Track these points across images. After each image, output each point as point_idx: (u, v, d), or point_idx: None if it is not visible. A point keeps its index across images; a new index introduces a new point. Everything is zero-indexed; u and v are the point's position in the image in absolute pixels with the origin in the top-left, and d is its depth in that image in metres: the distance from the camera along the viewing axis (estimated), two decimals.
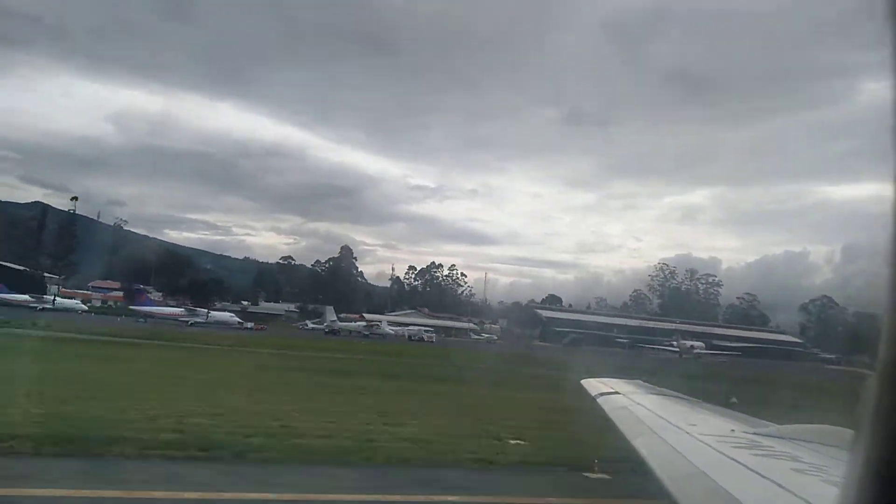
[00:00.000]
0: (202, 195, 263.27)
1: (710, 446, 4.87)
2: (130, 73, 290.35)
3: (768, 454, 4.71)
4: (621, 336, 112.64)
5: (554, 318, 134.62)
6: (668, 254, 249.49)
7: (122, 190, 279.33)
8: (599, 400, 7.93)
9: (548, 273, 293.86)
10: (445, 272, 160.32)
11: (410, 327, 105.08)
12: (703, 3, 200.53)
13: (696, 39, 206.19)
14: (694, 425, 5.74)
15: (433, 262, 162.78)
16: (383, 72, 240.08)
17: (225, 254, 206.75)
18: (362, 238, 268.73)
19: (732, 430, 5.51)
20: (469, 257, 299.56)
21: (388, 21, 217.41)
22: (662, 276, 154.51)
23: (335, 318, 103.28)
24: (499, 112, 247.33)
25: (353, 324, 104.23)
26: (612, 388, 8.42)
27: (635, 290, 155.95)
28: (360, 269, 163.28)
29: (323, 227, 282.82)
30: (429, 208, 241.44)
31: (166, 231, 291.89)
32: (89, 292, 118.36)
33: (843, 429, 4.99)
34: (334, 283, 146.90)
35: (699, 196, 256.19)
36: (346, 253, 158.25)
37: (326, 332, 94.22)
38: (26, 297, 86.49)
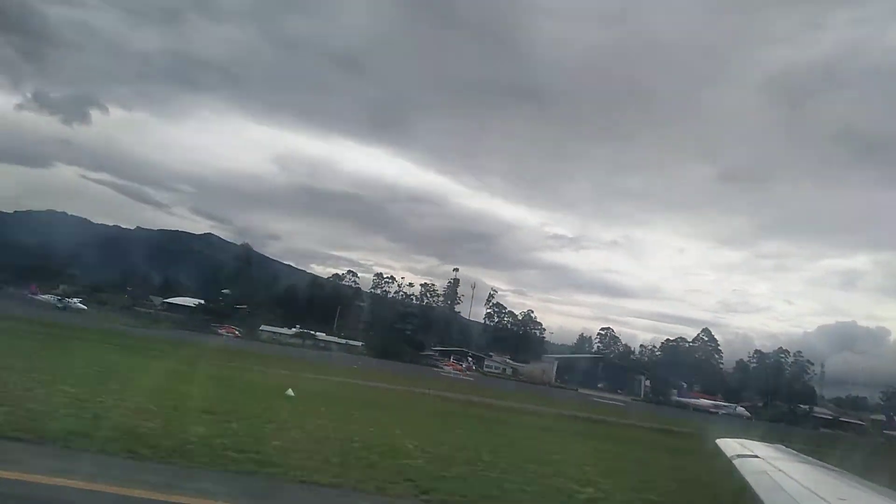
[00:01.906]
0: (348, 234, 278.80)
1: None
2: (296, 118, 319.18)
3: None
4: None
5: None
6: (828, 320, 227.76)
7: (279, 225, 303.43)
8: (736, 462, 7.33)
9: (685, 330, 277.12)
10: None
11: None
12: (878, 59, 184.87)
13: (870, 98, 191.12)
14: (844, 501, 5.14)
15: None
16: (530, 121, 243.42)
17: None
18: (494, 283, 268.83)
19: None
20: (603, 309, 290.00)
21: (540, 72, 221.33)
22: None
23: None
24: (648, 165, 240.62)
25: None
26: (750, 450, 7.71)
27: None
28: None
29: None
30: (564, 257, 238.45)
31: (312, 265, 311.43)
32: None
33: None
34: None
35: (861, 261, 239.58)
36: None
37: None
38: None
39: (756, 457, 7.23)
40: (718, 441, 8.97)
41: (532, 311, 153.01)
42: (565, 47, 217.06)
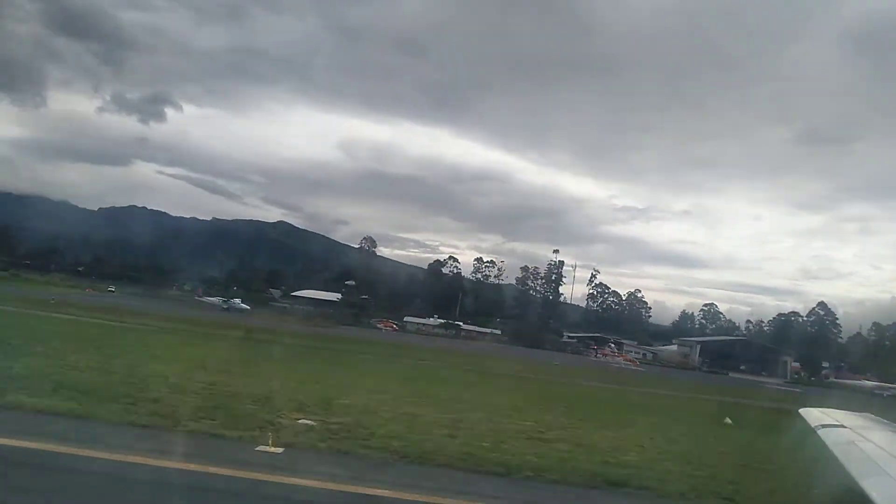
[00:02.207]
0: (414, 216, 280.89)
1: None
2: (361, 104, 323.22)
3: None
4: None
5: None
6: None
7: (347, 210, 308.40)
8: (820, 432, 7.09)
9: (763, 300, 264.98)
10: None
11: None
12: None
13: None
14: None
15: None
16: (596, 93, 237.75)
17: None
18: (561, 258, 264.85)
19: None
20: (675, 280, 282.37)
21: (605, 42, 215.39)
22: None
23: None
24: (720, 131, 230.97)
25: None
26: (836, 420, 7.49)
27: None
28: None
29: (521, 246, 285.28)
30: (634, 230, 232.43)
31: (381, 248, 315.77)
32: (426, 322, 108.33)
33: None
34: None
35: None
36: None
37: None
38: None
39: (842, 427, 6.98)
40: (801, 411, 8.68)
41: (639, 291, 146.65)
42: (631, 13, 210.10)
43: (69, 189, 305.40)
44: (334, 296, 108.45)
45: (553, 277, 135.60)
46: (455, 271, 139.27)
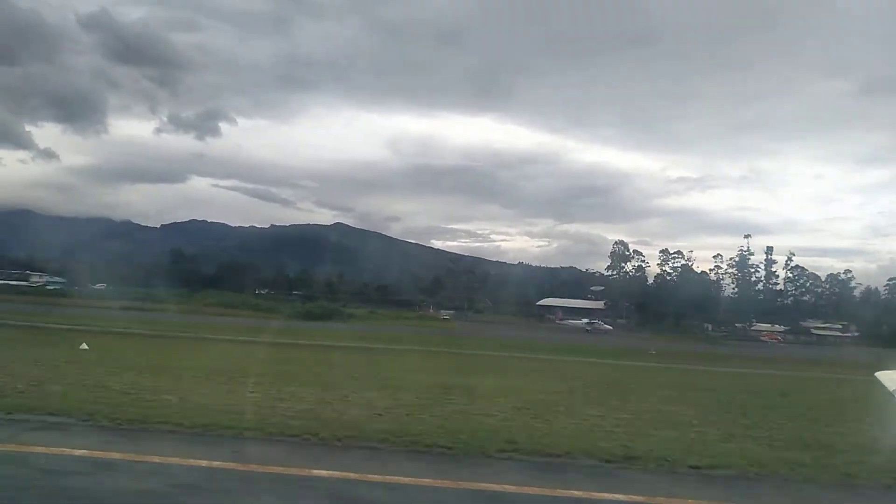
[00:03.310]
0: (463, 206, 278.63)
1: None
2: (403, 100, 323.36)
3: None
4: None
5: None
6: None
7: (397, 206, 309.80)
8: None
9: (829, 262, 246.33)
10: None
11: None
12: None
13: None
14: None
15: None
16: (639, 65, 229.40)
17: (488, 258, 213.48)
18: (614, 236, 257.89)
19: None
20: (733, 250, 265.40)
21: (646, 13, 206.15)
22: None
23: None
24: (772, 90, 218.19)
25: None
26: None
27: None
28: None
29: (573, 227, 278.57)
30: (689, 200, 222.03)
31: (432, 241, 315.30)
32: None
33: None
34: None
35: None
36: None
37: None
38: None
39: None
40: (878, 374, 8.57)
41: (849, 272, 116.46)
42: None
43: (130, 208, 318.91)
44: (589, 304, 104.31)
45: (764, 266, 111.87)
46: (644, 264, 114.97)
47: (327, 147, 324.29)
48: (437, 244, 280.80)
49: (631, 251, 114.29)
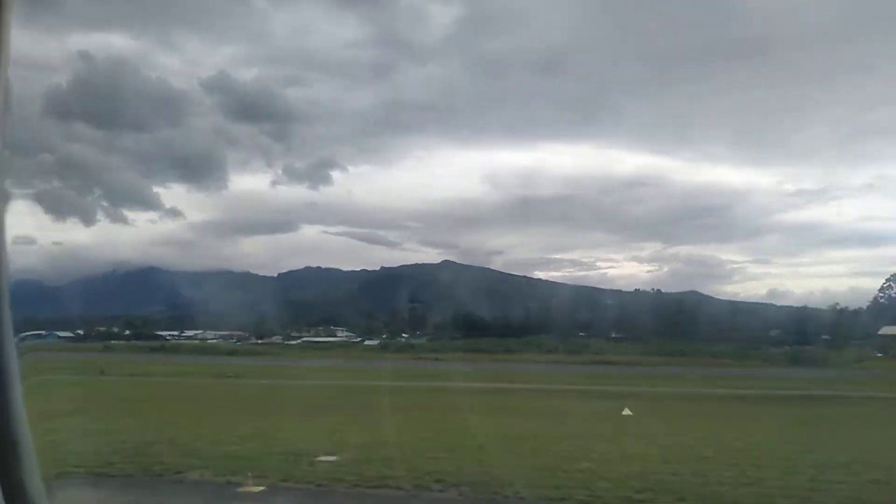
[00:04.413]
0: (566, 235, 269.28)
1: None
2: (502, 134, 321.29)
3: None
4: None
5: None
6: None
7: (499, 240, 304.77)
8: None
9: None
10: None
11: None
12: None
13: None
14: None
15: None
16: (746, 77, 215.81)
17: (595, 286, 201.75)
18: (728, 256, 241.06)
19: None
20: (862, 263, 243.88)
21: (752, 21, 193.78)
22: None
23: None
24: None
25: None
26: None
27: None
28: None
29: (684, 250, 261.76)
30: (811, 213, 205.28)
31: (536, 273, 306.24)
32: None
33: None
34: None
35: None
36: None
37: None
38: None
39: None
40: None
41: None
42: None
43: (248, 259, 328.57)
44: None
45: None
46: None
47: (429, 186, 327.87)
48: (540, 275, 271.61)
49: None
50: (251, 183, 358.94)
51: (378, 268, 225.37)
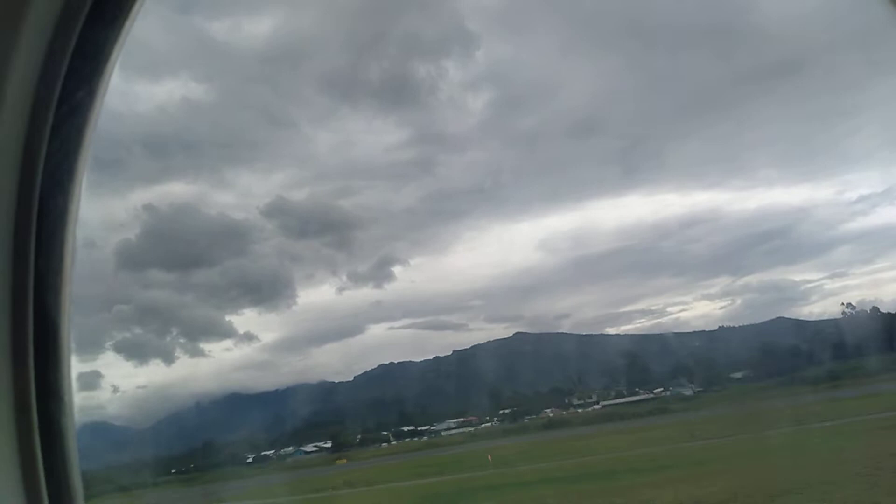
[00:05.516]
0: (629, 287, 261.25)
1: None
2: (548, 201, 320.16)
3: None
4: None
5: None
6: None
7: (562, 303, 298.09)
8: None
9: None
10: None
11: None
12: None
13: None
14: None
15: None
16: (786, 94, 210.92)
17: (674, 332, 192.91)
18: (801, 276, 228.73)
19: None
20: None
21: (785, 39, 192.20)
22: None
23: None
24: None
25: None
26: None
27: None
28: None
29: (755, 278, 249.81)
30: (880, 216, 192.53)
31: (606, 329, 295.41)
32: None
33: None
34: None
35: None
36: None
37: None
38: None
39: None
40: None
41: None
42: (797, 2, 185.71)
43: (322, 369, 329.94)
44: None
45: None
46: None
47: (485, 265, 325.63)
48: (611, 330, 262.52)
49: None
50: (319, 294, 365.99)
51: (450, 352, 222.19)
